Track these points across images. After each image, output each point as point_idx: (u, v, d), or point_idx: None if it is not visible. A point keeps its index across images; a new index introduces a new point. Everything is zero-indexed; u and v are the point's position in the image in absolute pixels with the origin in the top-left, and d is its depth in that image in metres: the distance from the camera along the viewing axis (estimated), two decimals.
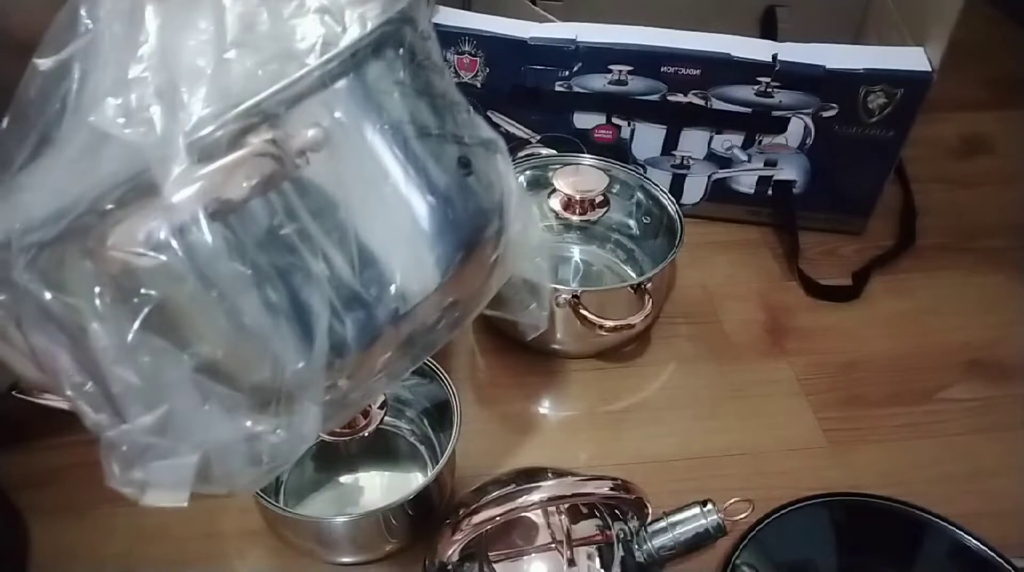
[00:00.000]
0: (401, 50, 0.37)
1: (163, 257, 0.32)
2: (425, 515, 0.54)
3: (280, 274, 0.34)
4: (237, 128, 0.32)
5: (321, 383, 0.36)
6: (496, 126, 0.62)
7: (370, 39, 0.35)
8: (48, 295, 0.33)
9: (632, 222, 0.74)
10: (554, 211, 0.71)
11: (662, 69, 0.71)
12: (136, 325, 0.33)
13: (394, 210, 0.37)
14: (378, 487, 0.58)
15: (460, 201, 0.39)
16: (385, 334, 0.37)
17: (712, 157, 0.76)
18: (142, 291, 0.33)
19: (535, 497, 0.46)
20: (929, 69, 0.69)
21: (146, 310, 0.33)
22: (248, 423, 0.37)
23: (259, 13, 0.34)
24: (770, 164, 0.76)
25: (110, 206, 0.32)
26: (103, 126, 0.32)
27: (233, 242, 0.33)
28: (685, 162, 0.77)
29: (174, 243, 0.32)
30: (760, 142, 0.75)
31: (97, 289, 0.33)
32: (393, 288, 0.36)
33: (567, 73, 0.72)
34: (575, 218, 0.70)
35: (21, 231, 0.32)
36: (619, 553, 0.48)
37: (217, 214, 0.32)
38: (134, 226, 0.32)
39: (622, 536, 0.49)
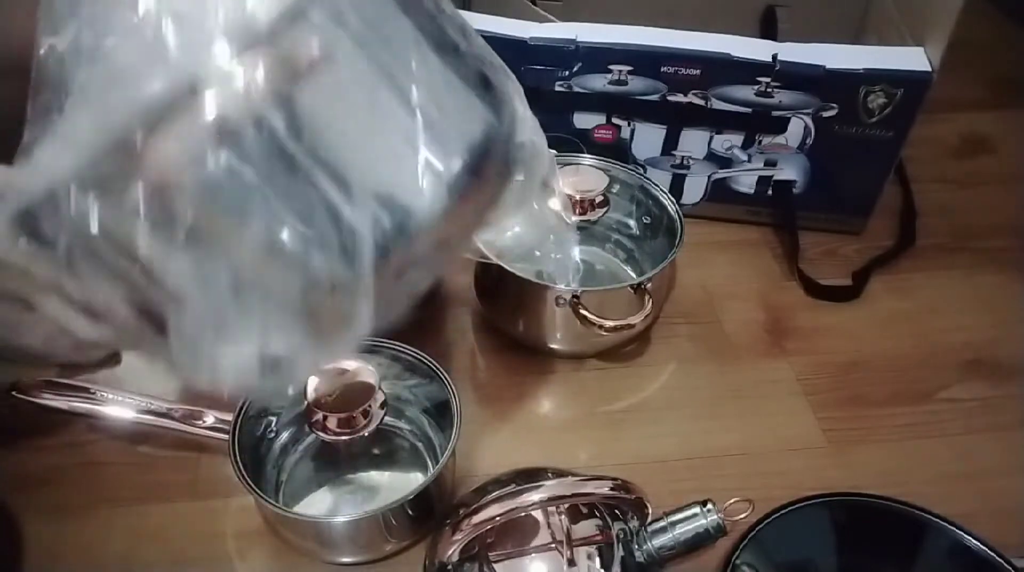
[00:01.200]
0: None
1: (210, 165, 0.32)
2: (425, 515, 0.54)
3: (305, 183, 0.34)
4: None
5: (370, 280, 0.35)
6: None
7: None
8: (95, 230, 0.33)
9: (632, 222, 0.74)
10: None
11: (662, 69, 0.71)
12: (184, 231, 0.33)
13: (402, 124, 0.36)
14: (378, 487, 0.58)
15: (473, 115, 0.38)
16: (400, 248, 0.37)
17: (712, 157, 0.76)
18: (191, 200, 0.32)
19: (535, 497, 0.46)
20: (929, 69, 0.69)
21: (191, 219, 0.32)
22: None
23: None
24: (770, 164, 0.76)
25: (151, 125, 0.31)
26: (123, 64, 0.31)
27: (264, 148, 0.33)
28: (685, 162, 0.77)
29: (218, 150, 0.32)
30: (760, 142, 0.75)
31: (144, 208, 0.32)
32: (403, 201, 0.36)
33: (567, 73, 0.72)
34: (575, 218, 0.69)
35: (73, 175, 0.32)
36: (619, 553, 0.48)
37: (245, 121, 0.32)
38: (176, 135, 0.32)
39: (622, 536, 0.49)
